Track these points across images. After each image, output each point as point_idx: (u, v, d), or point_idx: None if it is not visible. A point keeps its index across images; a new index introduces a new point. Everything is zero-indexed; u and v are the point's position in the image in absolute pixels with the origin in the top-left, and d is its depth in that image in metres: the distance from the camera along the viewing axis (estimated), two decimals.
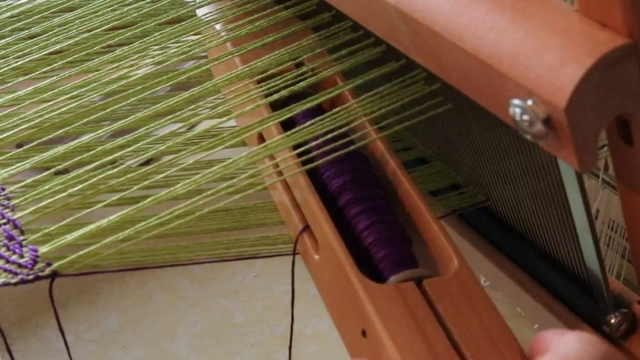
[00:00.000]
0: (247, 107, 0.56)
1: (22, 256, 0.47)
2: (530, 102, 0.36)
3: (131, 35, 0.63)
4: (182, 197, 0.50)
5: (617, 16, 0.35)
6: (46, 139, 0.56)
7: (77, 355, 1.20)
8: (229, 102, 0.57)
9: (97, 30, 0.64)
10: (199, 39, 0.62)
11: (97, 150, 0.54)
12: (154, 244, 0.50)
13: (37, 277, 0.46)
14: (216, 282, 1.33)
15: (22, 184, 0.52)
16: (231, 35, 0.62)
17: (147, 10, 0.65)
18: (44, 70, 0.61)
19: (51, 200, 0.50)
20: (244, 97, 0.57)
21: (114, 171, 0.51)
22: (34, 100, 0.59)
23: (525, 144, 0.51)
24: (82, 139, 0.55)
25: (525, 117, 0.36)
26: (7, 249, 0.48)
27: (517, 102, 0.37)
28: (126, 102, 0.57)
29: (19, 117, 0.57)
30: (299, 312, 0.57)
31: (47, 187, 0.51)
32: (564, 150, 0.36)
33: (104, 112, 0.57)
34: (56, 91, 0.59)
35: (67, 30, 0.64)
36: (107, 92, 0.58)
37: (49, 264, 0.47)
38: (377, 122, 0.55)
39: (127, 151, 0.53)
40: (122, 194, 0.51)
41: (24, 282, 0.46)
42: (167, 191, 0.50)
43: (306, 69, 0.59)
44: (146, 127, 0.55)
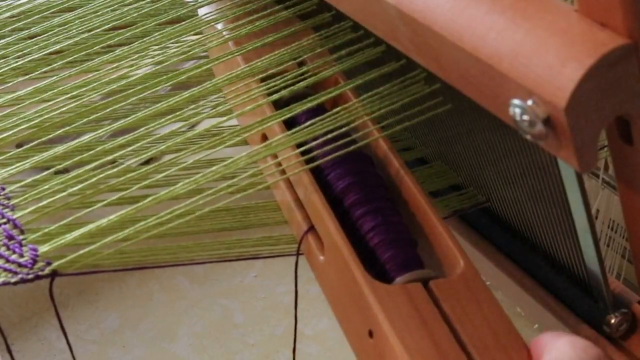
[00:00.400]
0: (249, 106, 0.56)
1: (22, 255, 0.47)
2: (530, 102, 0.36)
3: (131, 35, 0.63)
4: (183, 196, 0.49)
5: (617, 16, 0.35)
6: (46, 138, 0.56)
7: (77, 355, 1.19)
8: (230, 102, 0.57)
9: (97, 30, 0.64)
10: (199, 38, 0.62)
11: (97, 149, 0.54)
12: (154, 243, 0.50)
13: (37, 277, 0.46)
14: (216, 282, 1.34)
15: (22, 183, 0.52)
16: (232, 35, 0.62)
17: (147, 10, 0.65)
18: (44, 70, 0.61)
19: (51, 199, 0.50)
20: (245, 96, 0.57)
21: (114, 171, 0.51)
22: (34, 100, 0.59)
23: (525, 144, 0.51)
24: (82, 139, 0.55)
25: (525, 117, 0.36)
26: (7, 249, 0.48)
27: (517, 102, 0.37)
28: (126, 102, 0.57)
29: (19, 117, 0.57)
30: (299, 312, 0.57)
31: (47, 186, 0.51)
32: (564, 150, 0.36)
33: (104, 112, 0.57)
34: (56, 91, 0.59)
35: (67, 30, 0.64)
36: (107, 92, 0.58)
37: (48, 264, 0.47)
38: (377, 122, 0.55)
39: (127, 151, 0.53)
40: (122, 194, 0.51)
41: (23, 281, 0.46)
42: (167, 190, 0.50)
43: (307, 68, 0.59)
44: (146, 127, 0.55)
